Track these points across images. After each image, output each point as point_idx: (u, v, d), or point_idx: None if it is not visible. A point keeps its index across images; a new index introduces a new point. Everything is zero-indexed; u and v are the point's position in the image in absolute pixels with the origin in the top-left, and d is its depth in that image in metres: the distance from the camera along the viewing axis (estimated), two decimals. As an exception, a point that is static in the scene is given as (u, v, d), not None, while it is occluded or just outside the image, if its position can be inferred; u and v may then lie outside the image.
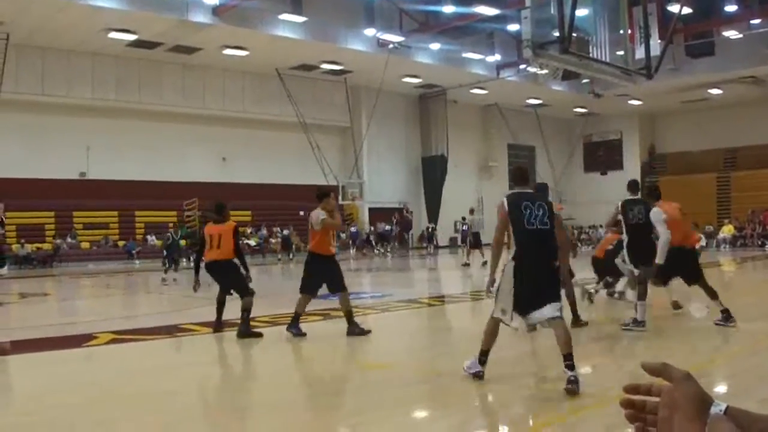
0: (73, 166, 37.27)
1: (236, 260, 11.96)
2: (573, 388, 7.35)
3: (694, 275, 11.78)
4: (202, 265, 12.12)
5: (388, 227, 45.26)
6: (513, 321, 7.86)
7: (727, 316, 11.30)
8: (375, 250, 43.36)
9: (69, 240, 36.36)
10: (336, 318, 14.35)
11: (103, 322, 14.19)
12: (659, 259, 11.25)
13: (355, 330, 11.30)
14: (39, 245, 35.05)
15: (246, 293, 11.77)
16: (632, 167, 56.82)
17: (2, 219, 16.42)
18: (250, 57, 38.22)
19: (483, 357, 8.03)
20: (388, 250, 43.17)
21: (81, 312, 17.24)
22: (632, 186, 12.22)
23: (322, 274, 11.57)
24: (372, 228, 45.48)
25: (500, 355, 9.88)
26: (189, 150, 40.78)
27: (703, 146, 53.85)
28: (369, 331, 11.25)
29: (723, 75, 44.01)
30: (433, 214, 48.42)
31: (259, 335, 11.64)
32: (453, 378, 8.52)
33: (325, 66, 41.53)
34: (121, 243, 37.97)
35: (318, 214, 11.34)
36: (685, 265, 11.61)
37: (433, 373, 8.84)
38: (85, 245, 37.16)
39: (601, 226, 45.83)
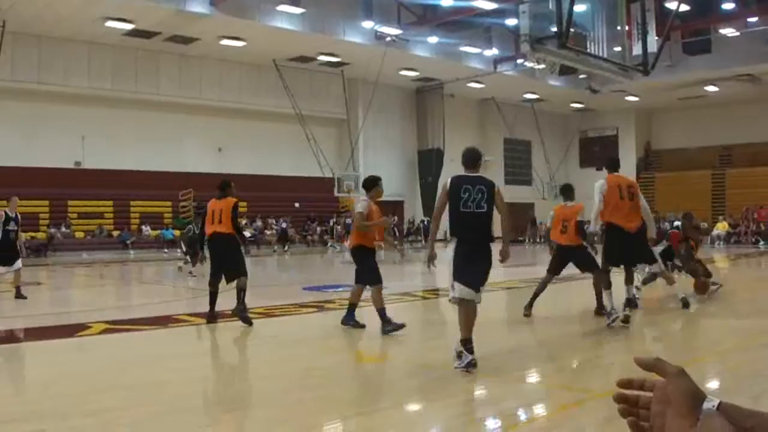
0: (68, 155, 37.19)
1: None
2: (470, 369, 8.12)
3: (631, 259, 11.63)
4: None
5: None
6: (454, 290, 8.43)
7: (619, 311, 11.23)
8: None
9: (63, 229, 36.28)
10: (329, 310, 14.38)
11: (96, 311, 14.18)
12: (592, 226, 11.49)
13: (350, 321, 11.31)
14: (33, 234, 34.96)
15: (241, 273, 11.88)
16: (628, 163, 56.74)
17: (16, 215, 16.28)
18: (247, 48, 38.16)
19: (468, 345, 8.25)
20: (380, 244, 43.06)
21: (75, 301, 17.22)
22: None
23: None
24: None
25: (494, 349, 9.90)
26: (185, 140, 40.74)
27: (698, 143, 53.91)
28: (363, 326, 11.20)
29: (719, 72, 44.04)
30: (428, 207, 48.42)
31: (250, 323, 11.68)
32: (446, 371, 8.52)
33: (323, 58, 41.45)
34: (115, 233, 37.89)
35: (357, 207, 11.10)
36: (624, 247, 11.33)
37: (426, 367, 8.84)
38: (79, 235, 37.09)
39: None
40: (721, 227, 44.24)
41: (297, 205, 43.39)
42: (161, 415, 6.66)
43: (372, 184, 11.28)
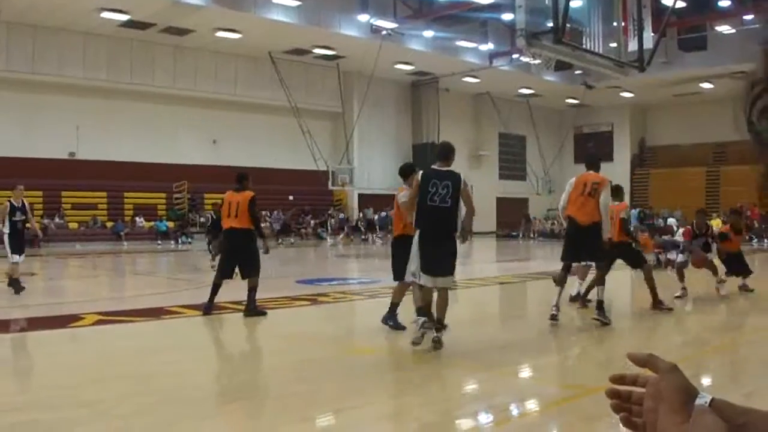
0: (63, 146, 37.09)
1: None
2: (437, 346, 8.92)
3: (578, 254, 11.60)
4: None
5: (383, 213, 45.32)
6: (420, 279, 9.06)
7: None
8: (363, 237, 43.28)
9: (57, 220, 36.23)
10: (323, 303, 14.40)
11: (89, 303, 14.18)
12: (605, 228, 11.34)
13: (389, 320, 10.74)
14: (27, 225, 34.85)
15: (254, 272, 11.97)
16: (622, 159, 56.87)
17: (24, 204, 16.13)
18: (242, 40, 38.08)
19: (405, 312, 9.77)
20: (379, 236, 43.02)
21: (68, 292, 17.22)
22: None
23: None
24: (361, 214, 45.47)
25: (487, 344, 9.92)
26: (179, 132, 40.66)
27: (693, 140, 53.89)
28: (404, 328, 10.53)
29: (715, 70, 44.00)
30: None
31: (264, 313, 11.95)
32: (438, 365, 8.55)
33: (318, 51, 41.37)
34: (109, 224, 37.85)
35: (401, 198, 10.73)
36: (576, 240, 11.34)
37: (418, 360, 8.85)
38: (73, 226, 37.02)
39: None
40: (715, 224, 44.12)
41: (291, 197, 43.33)
42: (154, 407, 6.67)
43: (410, 170, 10.88)
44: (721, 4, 39.46)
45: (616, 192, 13.36)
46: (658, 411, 1.29)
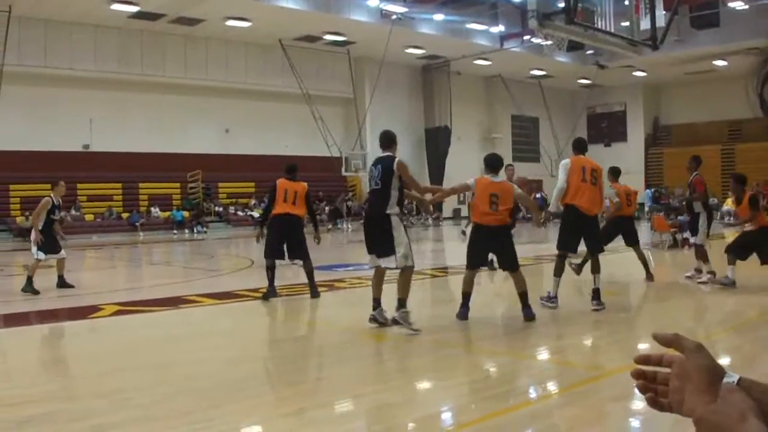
0: (76, 139, 37.22)
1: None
2: (388, 324, 9.46)
3: (593, 245, 11.28)
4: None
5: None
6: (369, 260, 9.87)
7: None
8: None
9: (73, 212, 36.37)
10: (339, 289, 14.42)
11: (108, 293, 14.24)
12: (551, 207, 11.49)
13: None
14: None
15: (305, 256, 12.50)
16: (636, 139, 56.69)
17: (59, 202, 15.87)
18: (252, 28, 38.03)
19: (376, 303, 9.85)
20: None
21: (86, 284, 17.27)
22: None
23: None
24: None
25: (507, 327, 9.91)
26: (192, 122, 40.73)
27: (707, 118, 53.62)
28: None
29: (728, 46, 43.63)
30: (436, 186, 48.43)
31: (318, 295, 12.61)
32: (458, 349, 8.54)
33: (328, 37, 41.30)
34: (125, 215, 37.99)
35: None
36: (580, 231, 11.05)
37: (438, 344, 8.86)
38: (89, 217, 37.18)
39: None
40: (730, 203, 44.04)
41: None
42: (173, 395, 6.69)
43: (500, 164, 10.68)
44: (733, -21, 39.16)
45: (616, 173, 13.62)
46: (684, 391, 1.28)
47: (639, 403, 6.47)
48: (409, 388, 7.06)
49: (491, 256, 11.96)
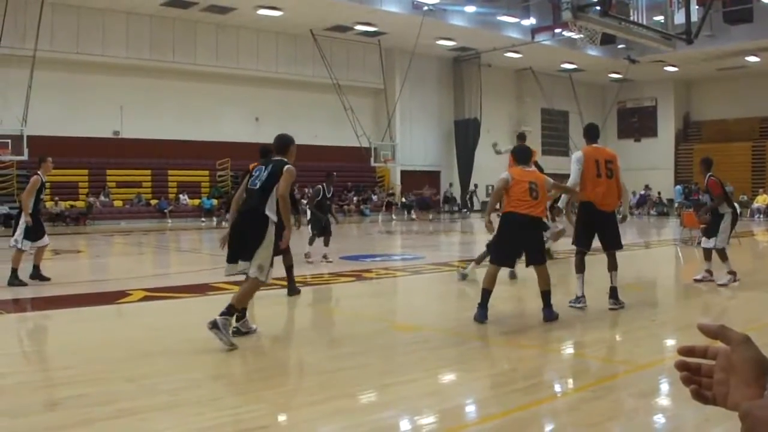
0: (107, 125, 37.46)
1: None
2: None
3: (612, 244, 10.80)
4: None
5: (427, 193, 45.46)
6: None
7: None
8: (407, 215, 43.34)
9: (102, 198, 36.61)
10: (367, 279, 14.42)
11: (135, 279, 14.31)
12: (563, 200, 11.16)
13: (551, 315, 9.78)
14: (72, 203, 35.33)
15: (286, 251, 11.30)
16: (666, 134, 56.28)
17: (46, 180, 14.55)
18: (284, 17, 38.07)
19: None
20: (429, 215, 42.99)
21: (114, 269, 17.38)
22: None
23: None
24: (409, 194, 45.51)
25: (531, 321, 9.87)
26: (222, 110, 40.87)
27: (738, 114, 53.13)
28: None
29: (761, 42, 43.16)
30: (465, 178, 48.40)
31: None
32: (484, 341, 8.52)
33: (360, 27, 41.25)
34: (153, 201, 38.18)
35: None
36: (595, 228, 10.72)
37: (463, 336, 8.83)
38: (117, 203, 37.41)
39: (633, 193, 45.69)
40: (762, 200, 43.66)
41: (334, 174, 43.38)
42: (199, 382, 6.72)
43: (528, 156, 10.35)
44: (767, -26, 38.69)
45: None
46: (729, 383, 1.25)
47: (666, 399, 6.42)
48: (434, 380, 7.04)
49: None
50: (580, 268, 10.73)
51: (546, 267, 9.76)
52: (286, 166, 8.59)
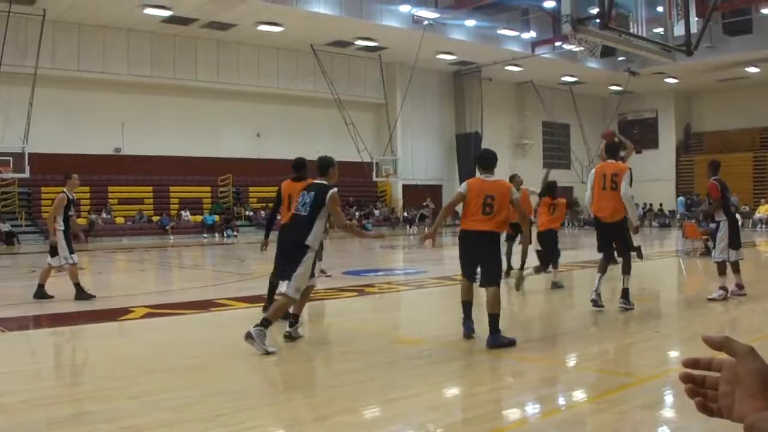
0: (108, 142, 37.59)
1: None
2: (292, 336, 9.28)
3: (620, 246, 11.58)
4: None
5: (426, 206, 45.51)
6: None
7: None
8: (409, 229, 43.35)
9: (104, 215, 36.65)
10: (370, 294, 14.40)
11: (138, 296, 14.30)
12: (633, 218, 11.36)
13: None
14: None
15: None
16: (667, 146, 56.32)
17: (74, 197, 14.20)
18: (284, 33, 38.21)
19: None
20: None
21: (116, 286, 17.37)
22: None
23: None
24: (410, 209, 45.57)
25: (537, 333, 9.84)
26: (223, 126, 40.98)
27: (739, 125, 53.20)
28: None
29: (761, 53, 43.26)
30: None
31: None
32: (489, 355, 8.49)
33: (360, 42, 41.40)
34: (155, 218, 38.22)
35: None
36: (600, 236, 11.54)
37: (468, 350, 8.81)
38: (119, 220, 37.45)
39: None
40: (764, 210, 43.63)
41: (335, 189, 43.43)
42: (203, 398, 6.70)
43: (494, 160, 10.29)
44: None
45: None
46: (734, 395, 1.24)
47: (671, 411, 6.40)
48: (438, 394, 7.02)
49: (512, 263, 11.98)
50: (601, 269, 11.41)
51: (497, 290, 9.18)
52: (329, 194, 8.93)
